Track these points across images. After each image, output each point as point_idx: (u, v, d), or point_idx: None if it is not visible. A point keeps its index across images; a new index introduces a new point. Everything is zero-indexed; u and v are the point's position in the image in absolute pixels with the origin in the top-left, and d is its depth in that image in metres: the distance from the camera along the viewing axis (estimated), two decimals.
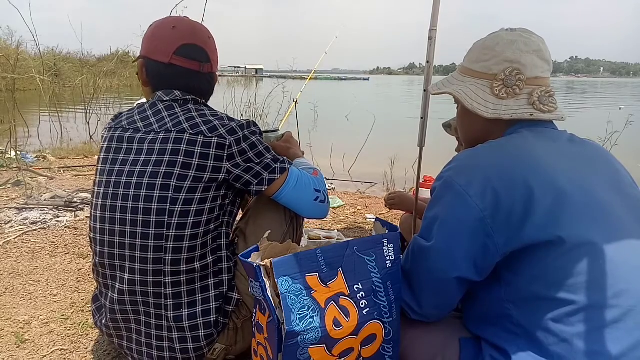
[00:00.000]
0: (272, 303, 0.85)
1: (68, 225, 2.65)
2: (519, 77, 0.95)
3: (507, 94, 0.96)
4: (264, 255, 0.93)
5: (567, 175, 0.85)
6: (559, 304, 0.79)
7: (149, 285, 1.12)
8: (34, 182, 3.45)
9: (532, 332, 0.81)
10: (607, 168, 0.94)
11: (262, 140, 1.21)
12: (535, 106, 0.95)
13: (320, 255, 0.87)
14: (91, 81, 8.18)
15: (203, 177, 1.10)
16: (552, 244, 0.79)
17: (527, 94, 0.96)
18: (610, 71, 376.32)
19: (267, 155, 1.19)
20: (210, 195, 1.13)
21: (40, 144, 5.70)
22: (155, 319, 1.15)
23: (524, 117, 0.95)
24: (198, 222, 1.11)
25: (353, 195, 3.63)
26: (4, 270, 2.06)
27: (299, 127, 4.40)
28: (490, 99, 0.98)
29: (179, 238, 1.10)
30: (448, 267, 0.87)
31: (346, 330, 0.87)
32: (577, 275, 0.78)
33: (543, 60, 0.97)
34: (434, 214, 0.92)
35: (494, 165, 0.87)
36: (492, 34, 1.02)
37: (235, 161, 1.13)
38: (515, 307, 0.84)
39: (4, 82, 5.96)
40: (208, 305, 1.16)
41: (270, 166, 1.18)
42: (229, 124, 1.14)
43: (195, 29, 1.24)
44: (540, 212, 0.80)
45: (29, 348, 1.51)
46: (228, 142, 1.12)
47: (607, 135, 5.71)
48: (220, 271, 1.20)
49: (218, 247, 1.20)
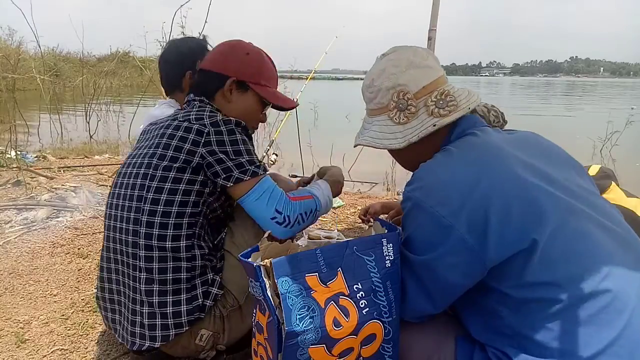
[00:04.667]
0: (272, 303, 0.85)
1: (68, 225, 2.65)
2: (406, 97, 0.96)
3: (406, 117, 0.96)
4: (264, 255, 0.93)
5: (524, 170, 0.86)
6: (548, 303, 0.80)
7: (125, 255, 1.21)
8: (34, 182, 3.45)
9: (528, 333, 0.81)
10: (546, 150, 0.98)
11: (248, 143, 1.23)
12: (435, 114, 0.94)
13: (319, 255, 0.87)
14: (91, 81, 8.19)
15: (178, 158, 1.18)
16: (528, 248, 0.80)
17: (424, 106, 0.96)
18: (610, 71, 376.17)
19: (245, 156, 1.20)
20: (186, 178, 1.18)
21: (41, 144, 5.71)
22: (132, 292, 1.21)
23: (429, 130, 0.94)
24: (171, 201, 1.18)
25: (353, 195, 3.63)
26: (4, 270, 2.06)
27: (299, 127, 4.40)
28: (395, 128, 0.98)
29: (152, 213, 1.17)
30: (448, 279, 0.87)
31: (346, 330, 0.87)
32: (556, 273, 0.80)
33: (422, 68, 0.97)
34: (413, 235, 0.92)
35: (460, 181, 0.86)
36: (370, 70, 1.04)
37: (211, 148, 1.18)
38: (509, 311, 0.84)
39: (5, 82, 5.97)
40: (179, 285, 1.19)
41: (243, 166, 1.19)
42: (216, 118, 1.21)
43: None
44: (515, 220, 0.81)
45: (29, 348, 1.51)
46: (207, 130, 1.19)
47: (607, 135, 5.71)
48: (194, 257, 1.20)
49: (193, 234, 1.21)
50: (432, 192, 0.87)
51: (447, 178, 0.87)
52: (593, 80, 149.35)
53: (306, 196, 1.27)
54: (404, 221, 0.95)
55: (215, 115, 1.23)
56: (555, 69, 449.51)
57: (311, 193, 1.29)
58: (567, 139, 5.97)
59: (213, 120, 1.20)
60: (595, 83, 73.80)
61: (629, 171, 4.84)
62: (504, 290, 0.84)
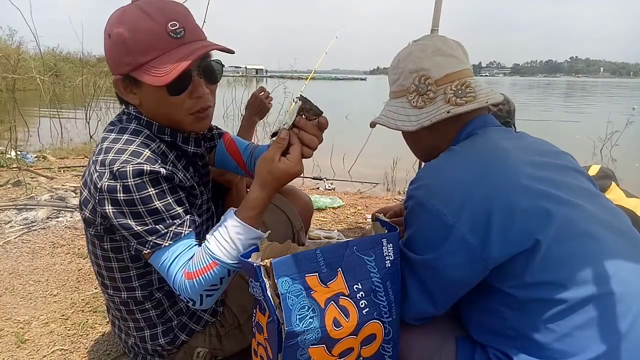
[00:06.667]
0: (272, 303, 0.85)
1: (68, 225, 2.65)
2: (427, 82, 0.97)
3: (424, 102, 0.98)
4: (264, 255, 0.93)
5: (529, 171, 0.85)
6: (551, 303, 0.79)
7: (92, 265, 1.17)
8: (34, 182, 3.45)
9: (531, 334, 0.81)
10: (556, 156, 0.97)
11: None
12: (452, 102, 0.95)
13: (319, 256, 0.87)
14: (91, 81, 8.18)
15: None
16: (531, 248, 0.80)
17: (442, 94, 0.97)
18: (610, 71, 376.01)
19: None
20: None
21: (41, 144, 5.70)
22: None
23: (442, 116, 0.95)
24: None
25: (353, 196, 3.63)
26: (4, 270, 2.06)
27: None
28: (411, 112, 0.99)
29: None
30: (449, 278, 0.87)
31: (346, 330, 0.87)
32: (560, 273, 0.79)
33: (448, 57, 0.98)
34: (415, 234, 0.92)
35: (463, 180, 0.86)
36: (397, 55, 1.05)
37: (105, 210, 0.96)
38: (511, 311, 0.84)
39: (5, 82, 5.96)
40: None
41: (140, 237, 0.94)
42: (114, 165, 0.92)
43: None
44: (518, 220, 0.80)
45: (29, 348, 1.51)
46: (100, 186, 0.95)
47: (607, 135, 5.71)
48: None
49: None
50: (434, 191, 0.87)
51: (450, 177, 0.88)
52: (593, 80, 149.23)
53: (208, 265, 0.93)
54: (406, 220, 0.95)
55: (118, 157, 0.92)
56: (555, 69, 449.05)
57: (215, 258, 0.92)
58: (568, 139, 5.97)
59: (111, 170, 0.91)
60: (595, 83, 73.75)
61: (629, 171, 4.84)
62: (506, 290, 0.84)
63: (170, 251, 0.94)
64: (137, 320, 1.16)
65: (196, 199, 1.11)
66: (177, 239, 0.95)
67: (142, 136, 0.99)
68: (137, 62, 0.92)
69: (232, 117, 7.22)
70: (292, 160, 0.91)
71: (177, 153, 1.07)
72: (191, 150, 1.08)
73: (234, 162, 1.32)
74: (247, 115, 1.81)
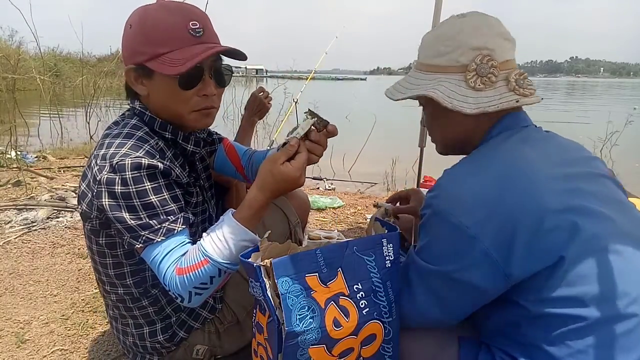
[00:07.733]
0: (272, 303, 0.85)
1: (68, 225, 2.65)
2: (491, 64, 0.87)
3: (483, 84, 0.88)
4: (264, 255, 0.93)
5: (556, 183, 0.81)
6: (570, 319, 0.76)
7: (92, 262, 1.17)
8: (34, 182, 3.45)
9: (543, 345, 0.79)
10: (587, 163, 0.91)
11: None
12: (517, 91, 0.88)
13: (319, 256, 0.87)
14: (91, 81, 8.18)
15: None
16: (554, 265, 0.77)
17: (504, 80, 0.89)
18: (610, 71, 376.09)
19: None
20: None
21: (41, 144, 5.71)
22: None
23: (510, 105, 0.87)
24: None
25: (353, 196, 3.63)
26: (4, 270, 2.07)
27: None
28: (468, 92, 0.89)
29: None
30: (466, 291, 0.83)
31: (346, 330, 0.87)
32: (582, 290, 0.76)
33: (508, 41, 0.91)
34: (430, 244, 0.87)
35: (485, 195, 0.80)
36: (445, 23, 0.94)
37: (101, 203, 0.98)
38: (527, 324, 0.81)
39: (5, 82, 5.96)
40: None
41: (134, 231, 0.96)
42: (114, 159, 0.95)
43: None
44: (543, 239, 0.76)
45: (29, 348, 1.51)
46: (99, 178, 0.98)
47: (607, 135, 5.71)
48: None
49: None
50: (455, 202, 0.82)
51: (473, 189, 0.82)
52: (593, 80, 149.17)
53: (199, 262, 0.93)
54: (421, 228, 0.90)
55: (118, 150, 0.95)
56: (555, 69, 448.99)
57: (207, 256, 0.93)
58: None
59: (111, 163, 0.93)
60: (595, 83, 73.73)
61: (629, 171, 4.84)
62: (522, 303, 0.81)
63: (162, 247, 0.95)
64: (135, 317, 1.16)
65: (191, 197, 1.12)
66: (170, 235, 0.96)
67: (141, 132, 1.02)
68: (154, 53, 0.96)
69: (232, 117, 7.22)
70: (295, 165, 0.92)
71: (175, 151, 1.09)
72: (190, 148, 1.10)
73: (233, 167, 1.35)
74: (246, 115, 1.82)
